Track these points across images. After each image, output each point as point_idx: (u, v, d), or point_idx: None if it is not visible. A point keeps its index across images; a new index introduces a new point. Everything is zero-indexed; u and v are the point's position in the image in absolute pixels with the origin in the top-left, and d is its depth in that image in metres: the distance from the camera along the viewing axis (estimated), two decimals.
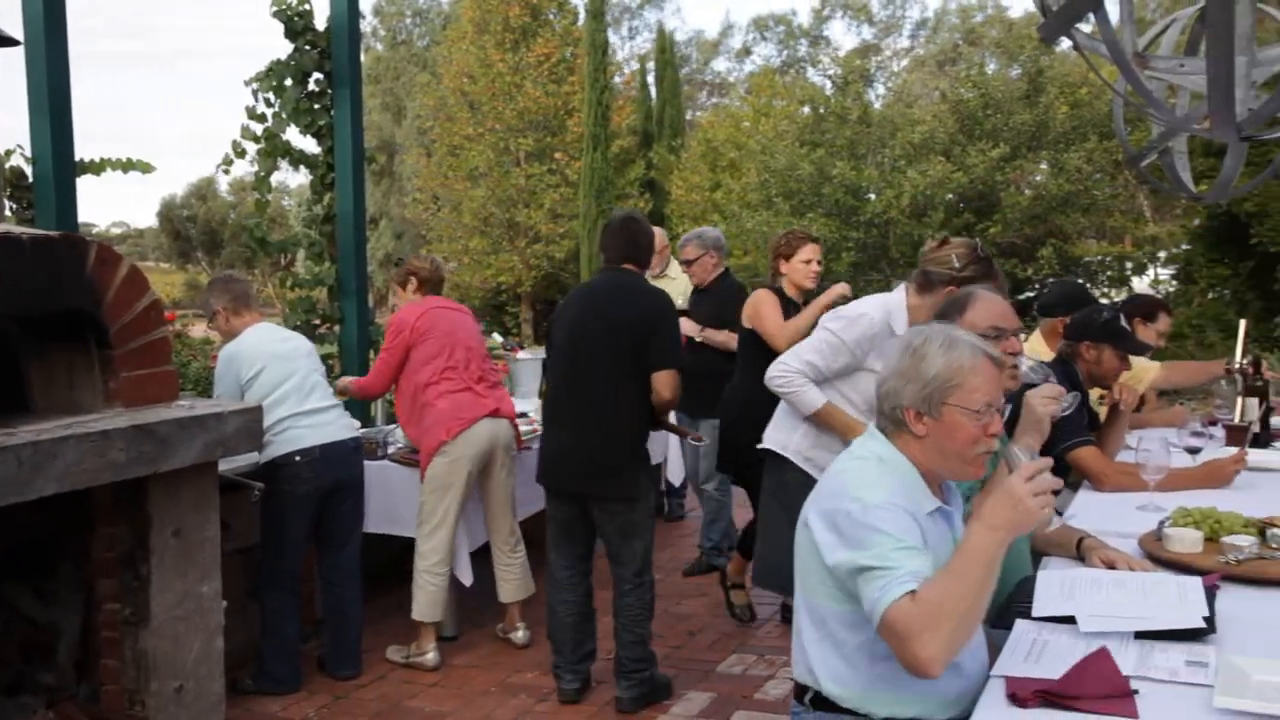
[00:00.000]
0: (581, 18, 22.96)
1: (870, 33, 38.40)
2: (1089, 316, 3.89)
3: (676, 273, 6.35)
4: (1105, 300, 11.72)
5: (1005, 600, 2.53)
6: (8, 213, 4.26)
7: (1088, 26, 2.43)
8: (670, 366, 3.99)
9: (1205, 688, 1.89)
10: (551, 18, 23.45)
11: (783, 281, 5.03)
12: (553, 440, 4.11)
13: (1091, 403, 4.10)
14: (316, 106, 5.80)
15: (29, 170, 4.41)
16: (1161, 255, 16.08)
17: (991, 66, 20.01)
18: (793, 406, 3.95)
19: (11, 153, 4.40)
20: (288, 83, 5.67)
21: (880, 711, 2.16)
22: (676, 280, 6.29)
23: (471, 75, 22.84)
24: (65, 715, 3.39)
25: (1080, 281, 12.78)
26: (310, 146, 5.90)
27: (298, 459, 4.22)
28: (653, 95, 23.55)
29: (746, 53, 39.57)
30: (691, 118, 31.15)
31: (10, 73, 4.46)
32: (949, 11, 37.52)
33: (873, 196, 14.83)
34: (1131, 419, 4.12)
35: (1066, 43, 2.52)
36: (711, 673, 4.50)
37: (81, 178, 4.53)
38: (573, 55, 22.78)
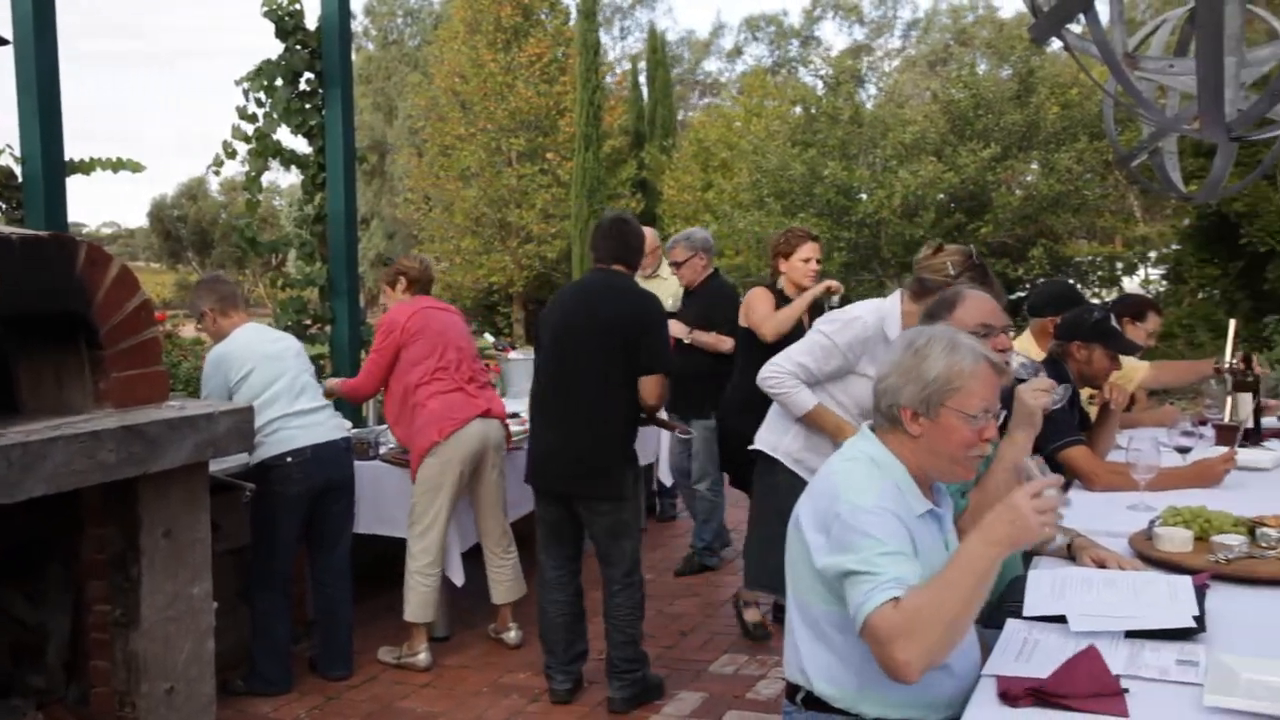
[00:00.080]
0: (573, 18, 22.95)
1: (862, 33, 38.50)
2: (1079, 316, 3.90)
3: (668, 273, 6.35)
4: (1096, 300, 11.76)
5: (996, 600, 2.54)
6: None
7: (1078, 27, 2.43)
8: (659, 370, 4.00)
9: (1195, 686, 1.90)
10: (543, 18, 23.42)
11: (781, 280, 5.03)
12: (540, 441, 4.11)
13: (1082, 402, 4.11)
14: (307, 106, 5.78)
15: (18, 170, 4.39)
16: (1152, 255, 16.14)
17: (982, 67, 20.06)
18: (784, 408, 3.96)
19: (1, 152, 4.39)
20: (278, 82, 5.65)
21: (872, 711, 2.16)
22: (668, 281, 6.29)
23: (463, 75, 22.80)
24: (55, 717, 3.38)
25: (1070, 281, 12.82)
26: (301, 146, 5.89)
27: (289, 460, 4.21)
28: (644, 95, 23.54)
29: (738, 53, 39.63)
30: (683, 118, 31.15)
31: None
32: (940, 12, 37.63)
33: (864, 196, 14.84)
34: (1122, 418, 4.13)
35: (1057, 43, 2.52)
36: (703, 673, 4.50)
37: (71, 177, 4.52)
38: (564, 55, 22.75)
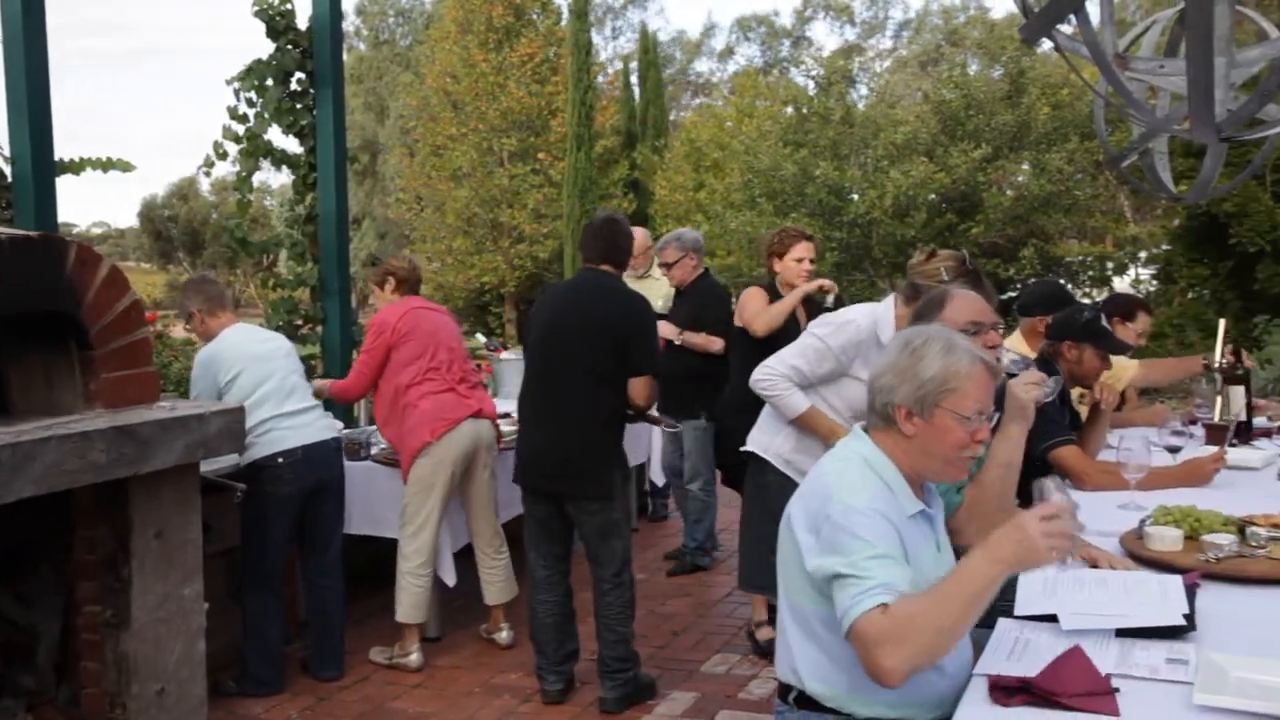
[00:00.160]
0: (565, 18, 22.94)
1: (853, 33, 38.56)
2: (1070, 316, 3.91)
3: (659, 274, 6.35)
4: (1086, 300, 11.79)
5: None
6: None
7: (1069, 28, 2.44)
8: (648, 372, 4.02)
9: (1185, 685, 1.90)
10: (535, 18, 23.41)
11: (776, 280, 5.03)
12: (528, 440, 4.11)
13: (1073, 402, 4.12)
14: (299, 106, 5.78)
15: (7, 170, 4.38)
16: (1142, 255, 16.16)
17: (974, 67, 20.09)
18: (777, 410, 3.97)
19: None
20: (269, 82, 5.65)
21: (863, 711, 2.17)
22: (659, 281, 6.29)
23: (455, 75, 22.78)
24: (45, 718, 3.37)
25: (1060, 281, 12.86)
26: (292, 146, 5.89)
27: (280, 460, 4.21)
28: (636, 95, 23.54)
29: (729, 53, 39.68)
30: (675, 118, 31.18)
31: None
32: (931, 12, 37.73)
33: (856, 197, 14.86)
34: (1113, 418, 4.14)
35: (1048, 44, 2.53)
36: (695, 673, 4.50)
37: (61, 177, 4.50)
38: (556, 55, 22.75)
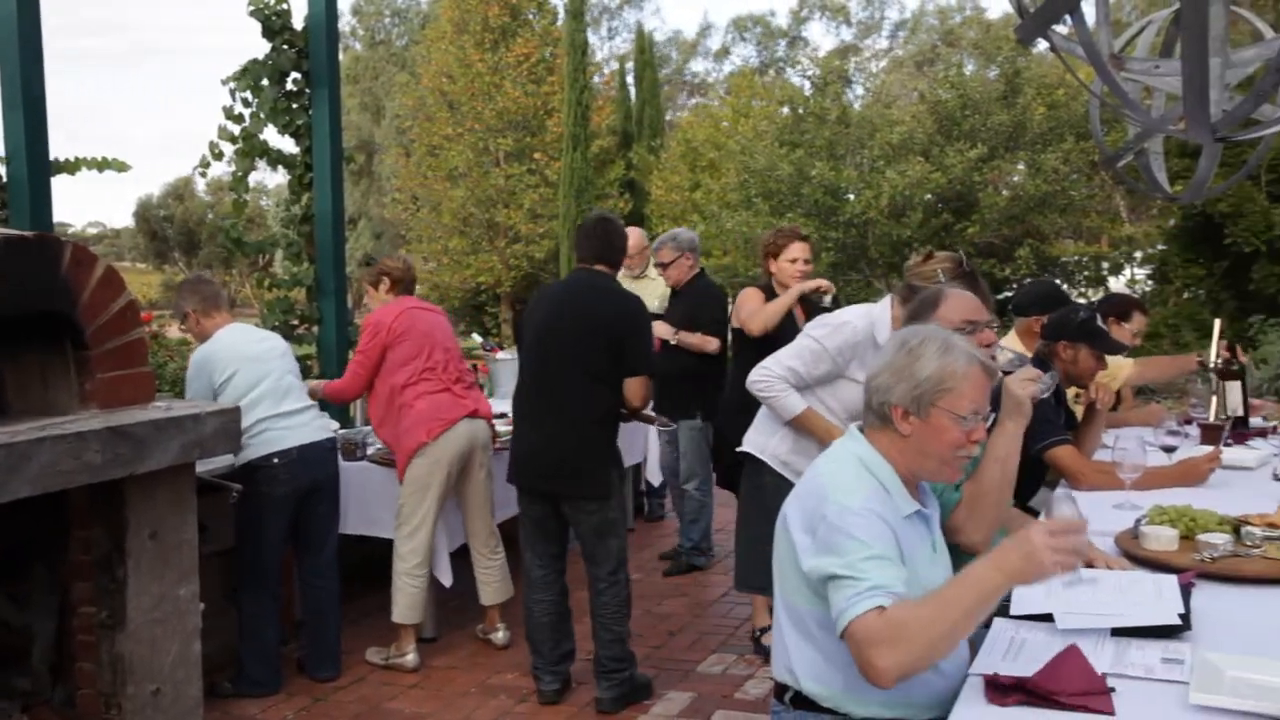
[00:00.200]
0: (561, 18, 22.93)
1: (849, 33, 38.59)
2: (1066, 316, 3.91)
3: (655, 274, 6.35)
4: (1082, 300, 11.79)
5: None
6: None
7: (1064, 28, 2.44)
8: (643, 373, 4.03)
9: (1181, 684, 1.90)
10: (531, 18, 23.40)
11: (773, 280, 5.03)
12: (523, 440, 4.12)
13: (1068, 402, 4.12)
14: (294, 106, 5.77)
15: (2, 170, 4.37)
16: (1137, 255, 16.18)
17: (969, 67, 20.12)
18: (773, 411, 3.97)
19: None
20: (265, 82, 5.64)
21: (859, 711, 2.17)
22: (655, 281, 6.28)
23: (450, 75, 22.76)
24: None
25: (1056, 281, 12.87)
26: (288, 146, 5.88)
27: (275, 461, 4.20)
28: (632, 95, 23.53)
29: (725, 53, 39.69)
30: (671, 118, 31.16)
31: None
32: (927, 13, 37.75)
33: (852, 197, 14.85)
34: (1109, 418, 4.15)
35: (1044, 44, 2.53)
36: (692, 673, 4.50)
37: (56, 177, 4.50)
38: (552, 55, 22.75)
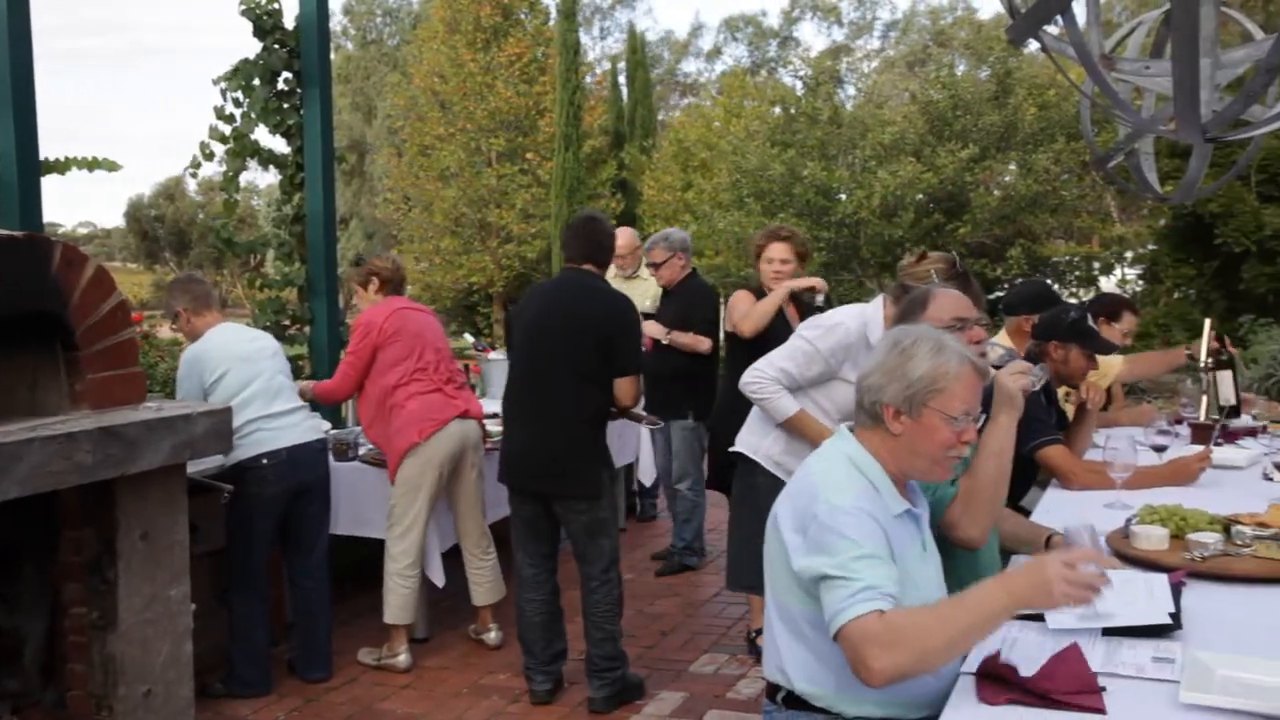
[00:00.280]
0: (553, 18, 22.91)
1: (841, 34, 38.62)
2: (1056, 316, 3.92)
3: (648, 274, 6.36)
4: (1073, 300, 11.83)
5: None
6: None
7: (1055, 29, 2.45)
8: (633, 372, 4.03)
9: (1171, 683, 1.91)
10: (523, 17, 23.35)
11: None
12: (514, 440, 4.12)
13: (1059, 402, 4.13)
14: (286, 106, 5.76)
15: None
16: (1128, 255, 16.21)
17: (961, 68, 20.12)
18: (765, 413, 3.97)
19: None
20: (256, 82, 5.62)
21: (851, 710, 2.17)
22: (648, 282, 6.29)
23: (442, 75, 22.72)
24: None
25: (1046, 281, 12.90)
26: (279, 146, 5.87)
27: (264, 462, 4.19)
28: (624, 95, 23.52)
29: (717, 53, 39.69)
30: (663, 118, 31.16)
31: None
32: (919, 13, 37.79)
33: (843, 197, 14.86)
34: (1099, 417, 4.16)
35: (1035, 44, 2.54)
36: (684, 673, 4.50)
37: (46, 177, 4.47)
38: (544, 55, 22.71)
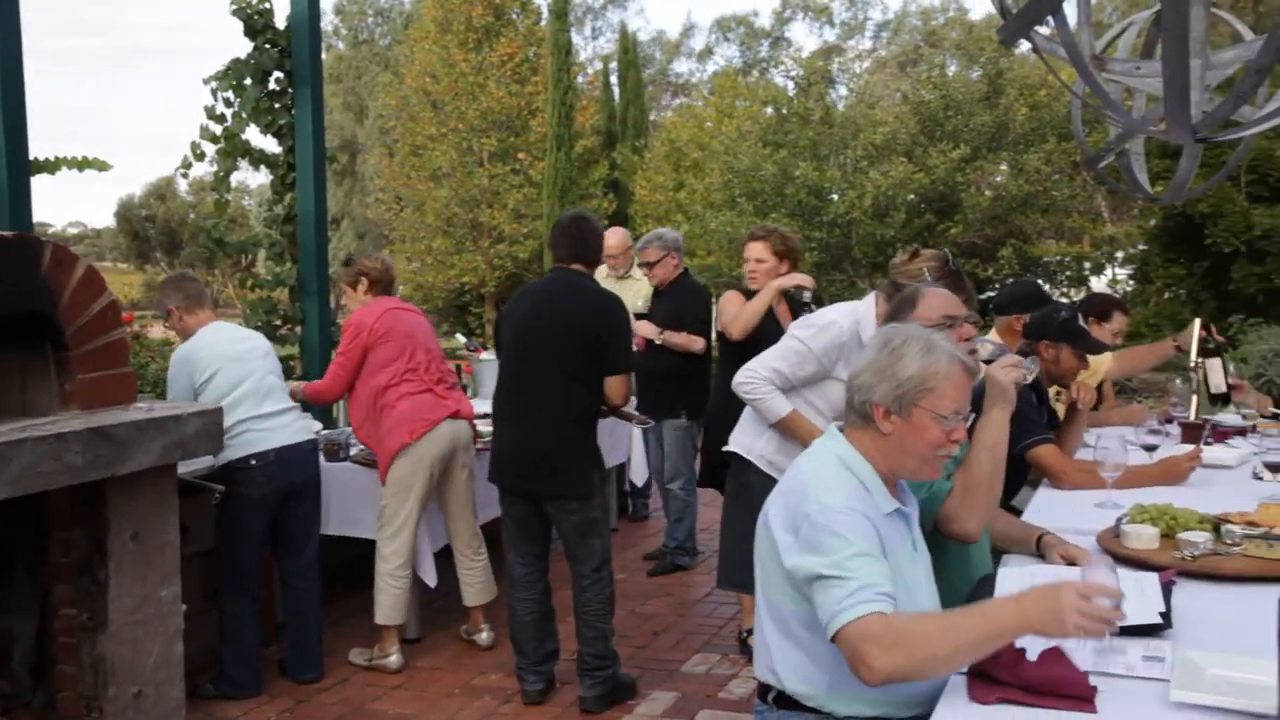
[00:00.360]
0: (545, 18, 22.90)
1: (832, 34, 38.67)
2: (1047, 316, 3.93)
3: (640, 274, 6.35)
4: (1064, 299, 11.85)
5: (967, 597, 2.56)
6: None
7: (1047, 29, 2.45)
8: (624, 371, 4.04)
9: (1162, 682, 1.92)
10: (514, 17, 23.35)
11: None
12: (504, 439, 4.12)
13: (1050, 402, 4.14)
14: (277, 106, 5.75)
15: None
16: (1119, 255, 16.27)
17: (952, 68, 20.18)
18: (758, 413, 3.97)
19: None
20: (247, 82, 5.61)
21: (843, 710, 2.17)
22: (640, 282, 6.29)
23: (434, 75, 22.70)
24: None
25: (1037, 281, 12.93)
26: (271, 146, 5.86)
27: (253, 462, 4.18)
28: (616, 95, 23.51)
29: (709, 53, 39.71)
30: (655, 118, 31.16)
31: None
32: (910, 14, 37.85)
33: (835, 197, 14.87)
34: (1090, 417, 4.17)
35: (1026, 45, 2.54)
36: (676, 672, 4.50)
37: (36, 177, 4.46)
38: (536, 55, 22.71)
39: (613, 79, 24.05)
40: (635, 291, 6.19)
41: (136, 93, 71.08)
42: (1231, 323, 10.01)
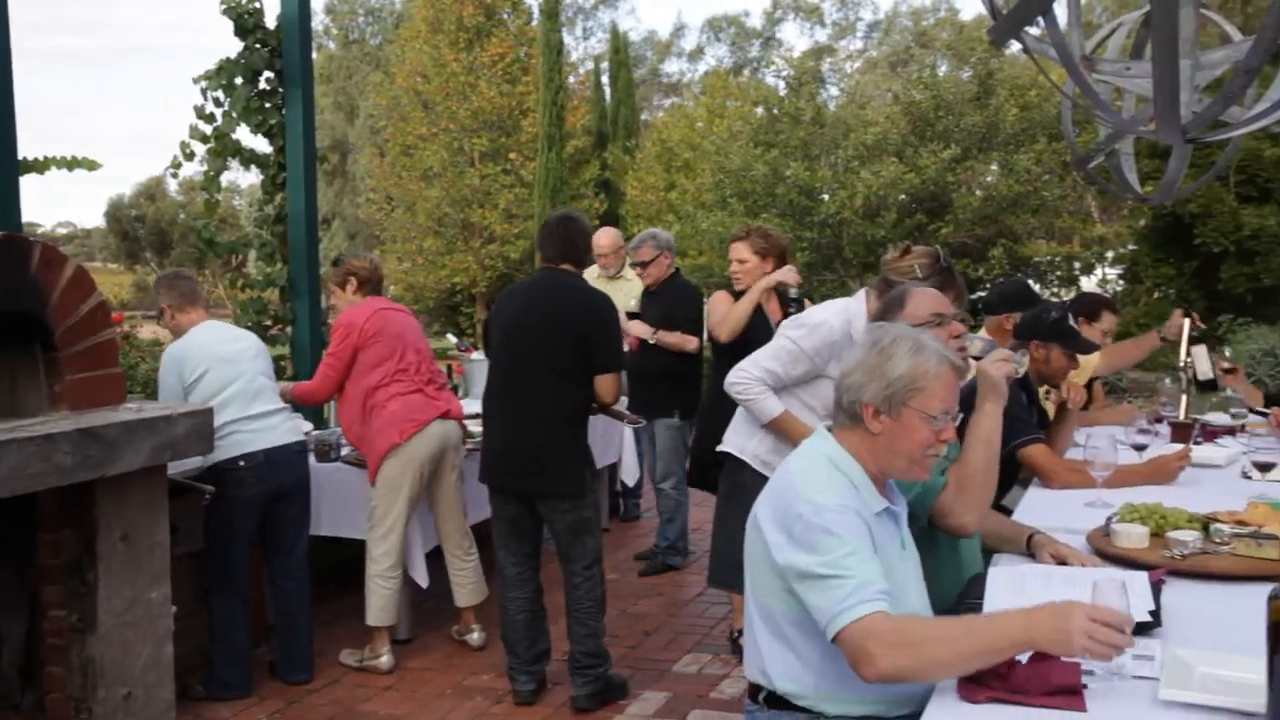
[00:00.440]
0: (536, 18, 22.89)
1: (823, 34, 38.71)
2: (1037, 316, 3.94)
3: (632, 274, 6.36)
4: (1054, 299, 11.89)
5: (957, 597, 2.57)
6: None
7: (1037, 30, 2.46)
8: (614, 369, 4.03)
9: (1151, 681, 1.92)
10: (506, 17, 23.33)
11: None
12: (493, 438, 4.12)
13: (1040, 401, 4.15)
14: (267, 105, 5.73)
15: None
16: (1109, 255, 16.33)
17: (943, 68, 20.20)
18: (751, 414, 3.97)
19: None
20: (238, 81, 5.60)
21: (834, 709, 2.17)
22: (632, 282, 6.29)
23: (425, 74, 22.67)
24: None
25: (1028, 281, 12.97)
26: (261, 146, 5.84)
27: (241, 464, 4.17)
28: (607, 96, 23.51)
29: (700, 53, 39.73)
30: (646, 118, 31.16)
31: None
32: (901, 14, 37.91)
33: (826, 197, 14.89)
34: (1080, 417, 4.19)
35: (1017, 45, 2.55)
36: (667, 672, 4.51)
37: (25, 176, 4.44)
38: (527, 55, 22.68)
39: (604, 79, 24.03)
40: (627, 291, 6.19)
41: (126, 92, 70.96)
42: (1221, 322, 10.06)
